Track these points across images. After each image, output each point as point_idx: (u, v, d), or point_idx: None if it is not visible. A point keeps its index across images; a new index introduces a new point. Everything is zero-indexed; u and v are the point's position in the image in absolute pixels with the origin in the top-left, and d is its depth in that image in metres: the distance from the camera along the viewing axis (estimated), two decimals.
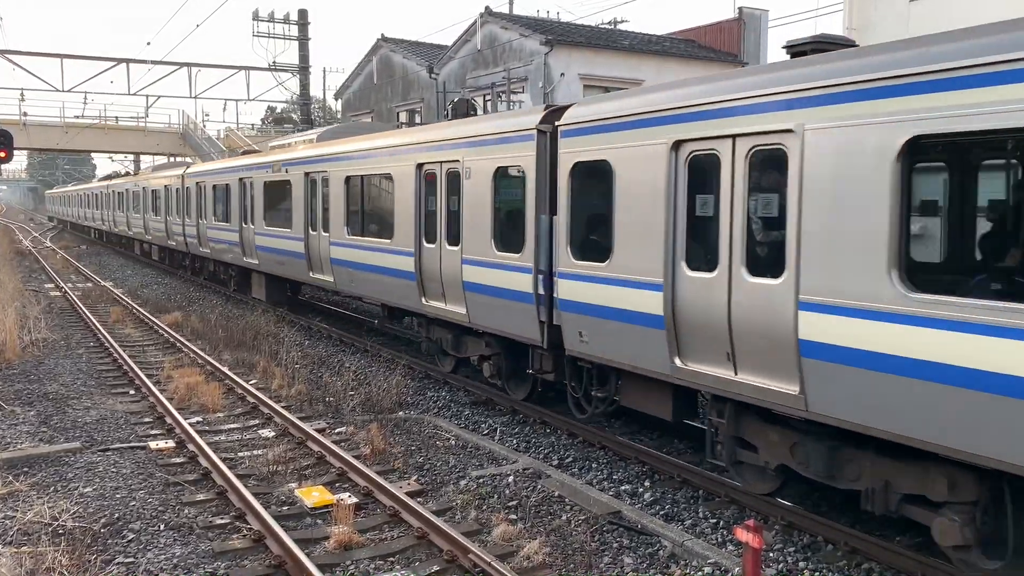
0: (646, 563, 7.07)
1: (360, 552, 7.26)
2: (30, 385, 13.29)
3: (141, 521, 7.90)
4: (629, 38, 32.53)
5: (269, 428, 11.19)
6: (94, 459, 9.68)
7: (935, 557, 6.73)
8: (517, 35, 29.64)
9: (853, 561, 7.02)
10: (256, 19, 35.24)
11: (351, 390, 12.78)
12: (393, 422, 11.30)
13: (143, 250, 37.37)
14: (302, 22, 35.93)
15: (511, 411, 11.77)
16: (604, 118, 8.78)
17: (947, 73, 5.60)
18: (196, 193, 25.48)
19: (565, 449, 10.16)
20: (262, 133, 56.66)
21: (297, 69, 36.54)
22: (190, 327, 18.71)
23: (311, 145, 17.93)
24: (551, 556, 7.10)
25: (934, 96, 5.67)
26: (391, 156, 13.31)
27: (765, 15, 32.58)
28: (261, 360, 14.93)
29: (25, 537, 7.40)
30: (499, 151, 10.51)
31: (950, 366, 5.60)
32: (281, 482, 9.03)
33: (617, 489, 8.79)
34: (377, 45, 38.93)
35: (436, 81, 34.15)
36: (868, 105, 6.10)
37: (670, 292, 7.94)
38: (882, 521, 7.75)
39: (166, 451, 10.11)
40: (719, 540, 7.53)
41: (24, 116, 46.40)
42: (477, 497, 8.48)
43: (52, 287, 27.54)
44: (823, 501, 8.19)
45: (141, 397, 12.77)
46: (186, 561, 7.08)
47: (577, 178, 9.27)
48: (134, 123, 51.77)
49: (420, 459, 9.81)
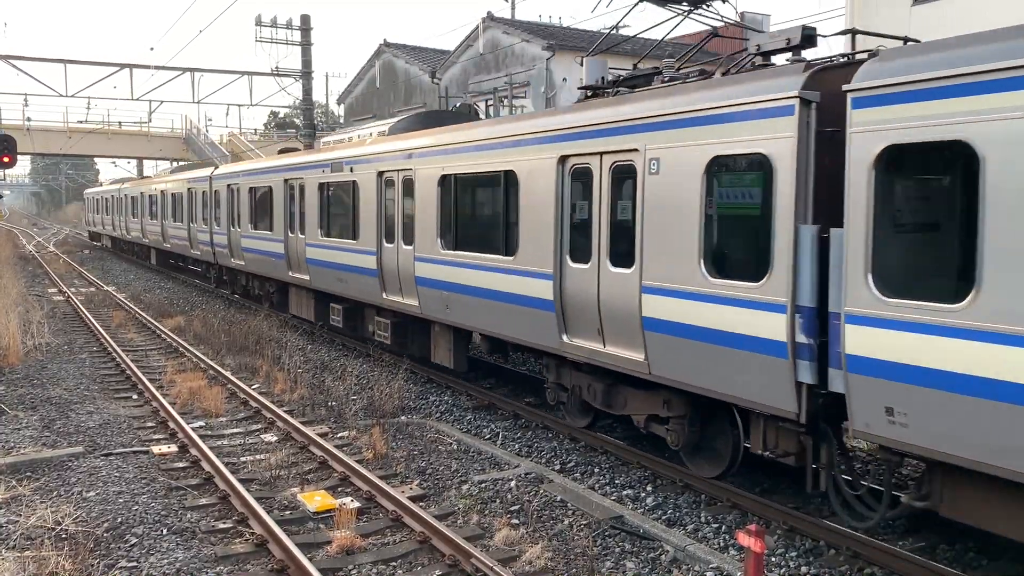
0: (648, 568, 7.07)
1: (362, 556, 7.27)
2: (33, 389, 13.31)
3: (144, 525, 7.91)
4: (631, 43, 32.57)
5: (271, 432, 11.20)
6: (97, 463, 9.70)
7: (936, 562, 6.73)
8: (519, 40, 29.70)
9: (855, 566, 7.02)
10: (259, 24, 35.30)
11: (353, 394, 12.80)
12: (395, 426, 11.31)
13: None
14: (305, 27, 36.00)
15: (513, 416, 11.77)
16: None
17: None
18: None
19: (567, 454, 10.17)
20: (265, 138, 56.77)
21: (300, 74, 36.60)
22: (193, 331, 18.74)
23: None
24: (553, 561, 7.11)
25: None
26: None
27: (767, 19, 32.66)
28: (263, 364, 14.95)
29: (28, 541, 7.42)
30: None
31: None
32: (283, 486, 9.05)
33: (619, 494, 8.80)
34: (380, 50, 39.04)
35: (438, 86, 34.21)
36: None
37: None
38: (884, 527, 7.75)
39: (168, 455, 10.13)
40: (721, 545, 7.53)
41: (28, 121, 46.50)
42: (479, 502, 8.49)
43: (55, 292, 27.59)
44: (824, 506, 8.20)
45: (144, 401, 12.80)
46: (189, 565, 7.09)
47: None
48: (137, 128, 51.93)
49: (422, 464, 9.81)
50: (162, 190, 32.03)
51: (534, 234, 10.03)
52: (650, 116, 8.29)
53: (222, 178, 23.53)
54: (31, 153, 58.64)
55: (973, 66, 5.58)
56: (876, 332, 6.18)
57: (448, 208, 11.86)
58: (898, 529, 7.72)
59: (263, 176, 19.98)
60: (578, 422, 10.56)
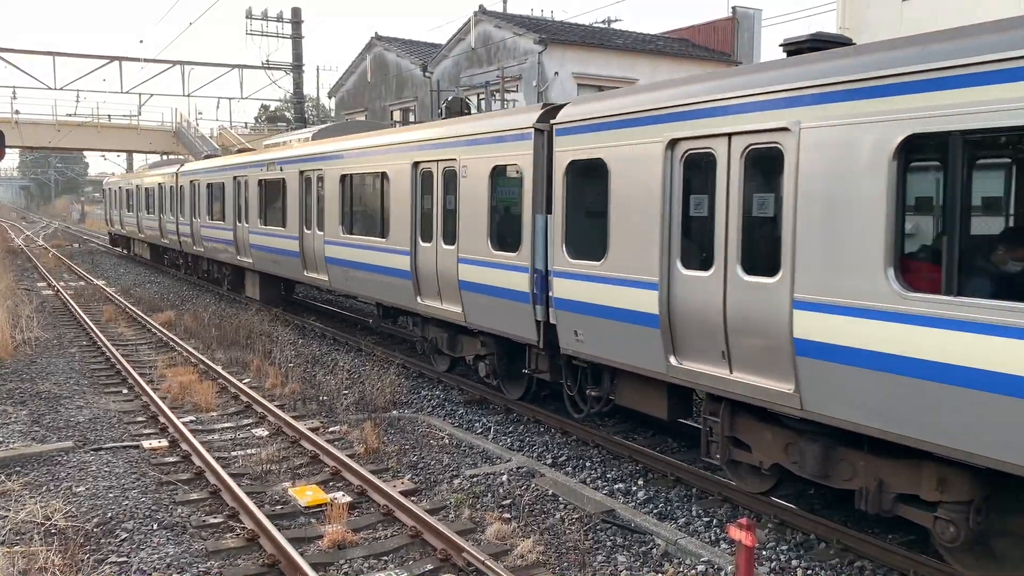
0: (640, 561, 7.09)
1: (354, 551, 7.26)
2: (22, 384, 13.24)
3: (134, 520, 7.88)
4: (623, 37, 32.56)
5: (263, 427, 11.18)
6: (87, 458, 9.65)
7: (927, 555, 6.76)
8: (511, 34, 29.64)
9: (846, 559, 7.05)
10: (249, 17, 35.16)
11: (345, 389, 12.78)
12: (387, 421, 11.30)
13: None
14: (295, 20, 35.86)
15: (505, 410, 11.78)
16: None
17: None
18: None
19: (559, 448, 10.17)
20: (255, 131, 56.52)
21: (290, 67, 36.47)
22: (183, 326, 18.67)
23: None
24: (545, 555, 7.12)
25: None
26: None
27: (758, 14, 32.69)
28: (255, 359, 14.91)
29: (17, 537, 7.38)
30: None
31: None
32: (275, 481, 9.03)
33: (611, 488, 8.81)
34: (371, 43, 38.90)
35: (430, 80, 34.13)
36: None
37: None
38: (875, 519, 7.79)
39: (159, 450, 10.09)
40: (712, 538, 7.55)
41: (16, 114, 46.19)
42: (471, 496, 8.49)
43: (44, 286, 27.45)
44: (817, 499, 8.23)
45: (134, 396, 12.74)
46: (179, 560, 7.06)
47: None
48: (127, 121, 51.63)
49: (414, 458, 9.81)
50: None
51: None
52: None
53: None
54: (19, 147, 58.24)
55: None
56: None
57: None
58: (888, 523, 7.76)
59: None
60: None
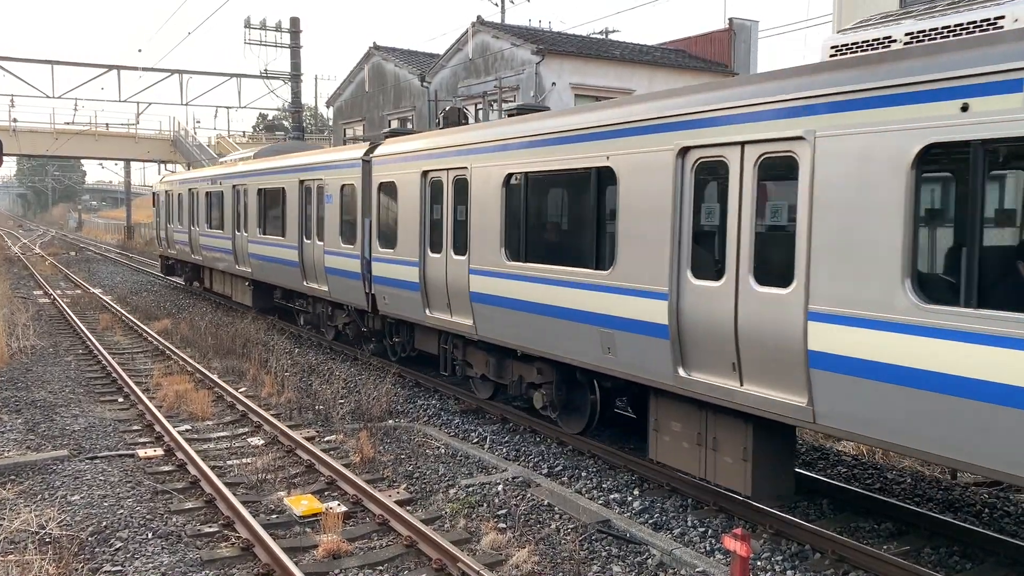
0: (635, 571, 7.08)
1: (349, 560, 7.25)
2: (18, 392, 13.22)
3: (129, 529, 7.87)
4: (620, 48, 32.66)
5: (258, 436, 11.16)
6: (82, 467, 9.64)
7: (921, 566, 6.77)
8: (509, 44, 29.73)
9: (840, 569, 7.05)
10: (248, 27, 35.23)
11: (341, 398, 12.77)
12: (383, 430, 11.29)
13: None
14: (294, 30, 35.94)
15: (501, 420, 11.78)
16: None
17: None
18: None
19: (555, 458, 10.17)
20: (253, 140, 56.60)
21: (289, 77, 36.53)
22: (179, 334, 18.66)
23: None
24: (540, 564, 7.11)
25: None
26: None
27: (755, 26, 32.78)
28: (251, 368, 14.90)
29: (12, 545, 7.36)
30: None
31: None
32: (270, 490, 9.02)
33: (606, 497, 8.81)
34: (369, 53, 38.99)
35: (428, 90, 34.20)
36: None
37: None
38: (870, 532, 7.80)
39: (154, 459, 10.07)
40: (707, 549, 7.55)
41: (14, 122, 46.26)
42: (466, 506, 8.48)
43: (41, 294, 27.42)
44: (811, 510, 8.23)
45: (130, 405, 12.73)
46: (174, 569, 7.05)
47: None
48: (125, 130, 51.69)
49: (409, 467, 9.80)
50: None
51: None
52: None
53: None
54: (17, 154, 58.28)
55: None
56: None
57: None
58: (882, 534, 7.77)
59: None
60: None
